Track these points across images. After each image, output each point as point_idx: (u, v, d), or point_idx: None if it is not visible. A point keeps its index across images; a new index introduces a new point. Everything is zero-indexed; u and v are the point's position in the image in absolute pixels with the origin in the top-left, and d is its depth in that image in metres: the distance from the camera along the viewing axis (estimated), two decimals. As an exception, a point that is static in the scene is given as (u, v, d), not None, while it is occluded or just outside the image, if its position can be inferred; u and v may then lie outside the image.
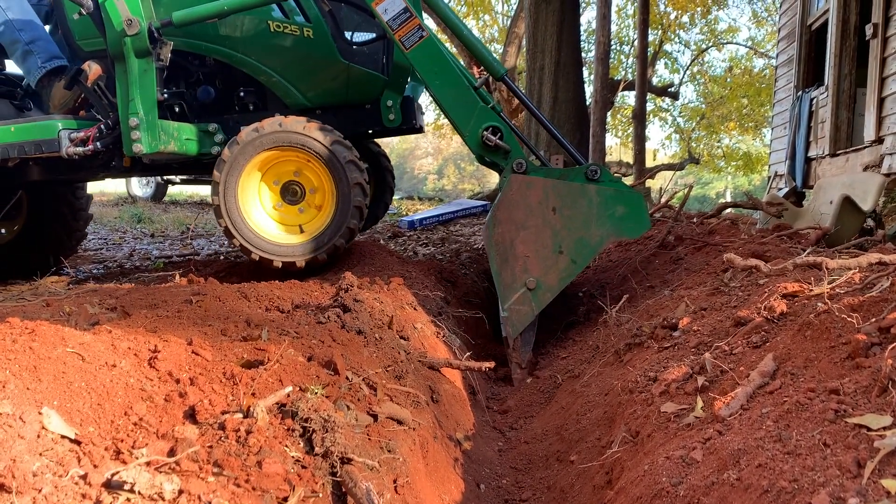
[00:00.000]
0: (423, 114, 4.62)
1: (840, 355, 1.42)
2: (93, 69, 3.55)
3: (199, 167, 4.44)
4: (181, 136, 3.65)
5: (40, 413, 1.23)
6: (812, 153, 7.15)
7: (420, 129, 4.37)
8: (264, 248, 3.50)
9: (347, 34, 3.99)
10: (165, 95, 3.66)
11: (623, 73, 20.66)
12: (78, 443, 1.24)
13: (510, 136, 3.27)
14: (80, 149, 3.51)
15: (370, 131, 4.23)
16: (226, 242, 6.70)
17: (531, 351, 3.19)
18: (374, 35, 4.04)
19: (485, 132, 3.24)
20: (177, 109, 3.93)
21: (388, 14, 3.29)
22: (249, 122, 3.56)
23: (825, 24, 7.03)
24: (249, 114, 3.97)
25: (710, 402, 1.55)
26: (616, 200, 3.06)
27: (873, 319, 1.48)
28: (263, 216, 3.58)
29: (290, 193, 3.61)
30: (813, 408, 1.24)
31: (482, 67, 3.76)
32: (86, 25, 3.66)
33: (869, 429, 1.09)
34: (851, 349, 1.39)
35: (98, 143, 3.52)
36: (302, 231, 3.59)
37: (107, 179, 4.74)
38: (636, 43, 13.96)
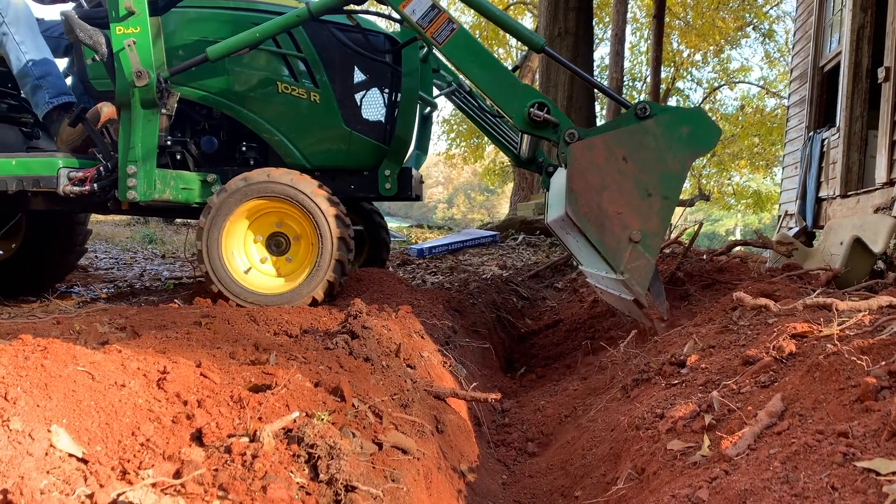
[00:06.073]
0: (422, 183, 4.68)
1: (849, 398, 1.42)
2: (104, 111, 3.59)
3: (196, 213, 4.49)
4: (178, 185, 3.70)
5: (49, 431, 1.24)
6: (823, 194, 7.16)
7: (418, 198, 4.42)
8: (243, 297, 3.47)
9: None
10: (169, 142, 3.72)
11: (635, 108, 20.80)
12: (85, 462, 1.25)
13: (556, 110, 3.23)
14: (76, 188, 3.55)
15: (365, 197, 4.31)
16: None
17: (666, 300, 3.08)
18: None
19: (531, 109, 3.17)
20: (178, 157, 3.98)
21: (416, 14, 3.26)
22: None
23: (837, 66, 7.09)
24: (249, 168, 3.97)
25: (717, 440, 1.54)
26: (676, 123, 2.98)
27: (883, 362, 1.48)
28: (246, 264, 3.58)
29: (275, 244, 3.61)
30: (821, 450, 1.23)
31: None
32: (98, 66, 3.74)
33: (878, 473, 1.09)
34: (861, 392, 1.39)
35: (95, 185, 3.56)
36: (284, 282, 3.58)
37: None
38: (649, 79, 14.10)
